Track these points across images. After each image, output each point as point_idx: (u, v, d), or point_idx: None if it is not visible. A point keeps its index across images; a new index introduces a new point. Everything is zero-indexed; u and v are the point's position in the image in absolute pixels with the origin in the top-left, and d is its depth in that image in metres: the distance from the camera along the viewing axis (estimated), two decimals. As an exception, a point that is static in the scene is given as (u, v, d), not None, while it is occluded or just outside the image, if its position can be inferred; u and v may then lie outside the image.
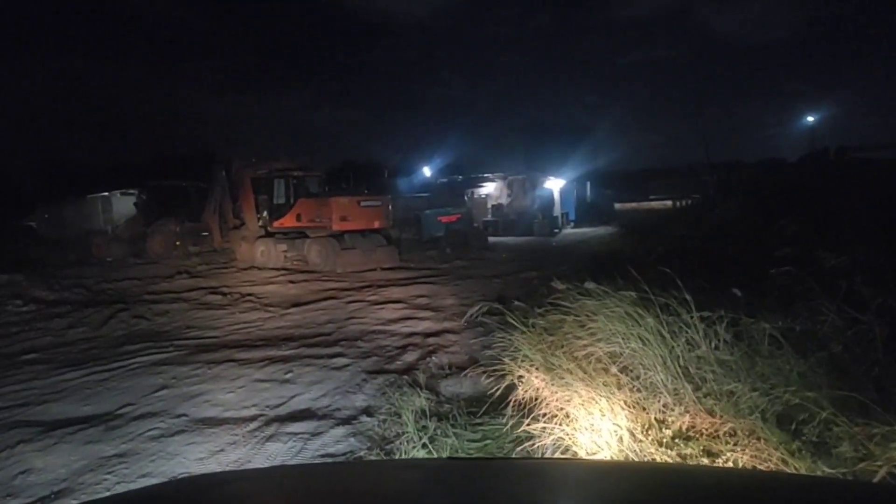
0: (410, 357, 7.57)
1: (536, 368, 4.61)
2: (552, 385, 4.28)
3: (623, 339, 4.21)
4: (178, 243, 19.38)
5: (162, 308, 11.23)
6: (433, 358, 7.42)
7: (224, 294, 12.66)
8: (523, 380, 4.67)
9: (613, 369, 4.08)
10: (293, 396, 6.11)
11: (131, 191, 23.14)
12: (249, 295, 12.64)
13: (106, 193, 24.92)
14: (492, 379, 5.73)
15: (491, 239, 22.35)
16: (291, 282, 14.37)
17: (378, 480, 1.66)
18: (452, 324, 9.38)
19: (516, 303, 10.90)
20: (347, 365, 7.22)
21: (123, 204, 23.21)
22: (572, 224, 27.50)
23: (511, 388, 4.94)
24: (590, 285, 4.94)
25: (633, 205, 20.43)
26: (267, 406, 5.84)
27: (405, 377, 6.63)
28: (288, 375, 6.80)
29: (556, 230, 25.43)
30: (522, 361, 4.84)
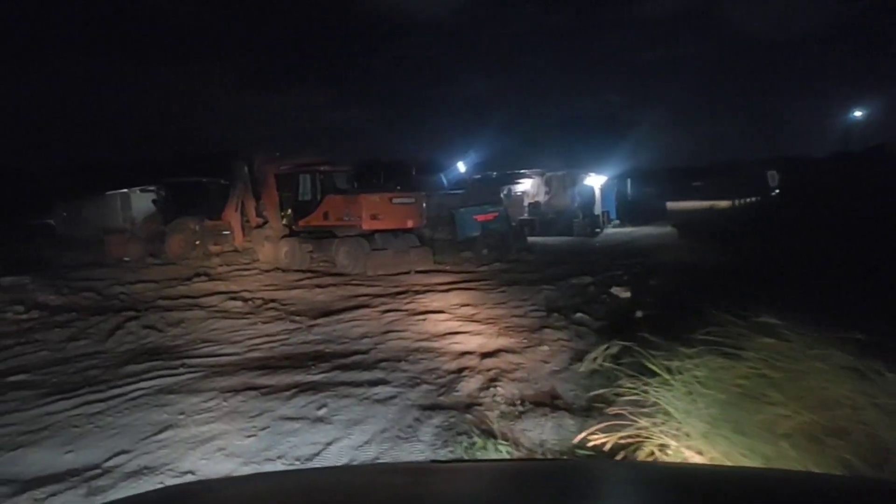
0: (469, 386, 6.23)
1: (688, 435, 3.18)
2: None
3: (852, 408, 2.77)
4: (197, 243, 18.19)
5: (176, 317, 10.00)
6: (498, 388, 6.06)
7: (245, 300, 11.42)
8: (668, 450, 3.24)
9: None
10: (329, 444, 4.81)
11: (150, 188, 22.08)
12: (272, 301, 11.38)
13: (125, 190, 23.92)
14: (588, 425, 4.39)
15: (528, 239, 20.94)
16: (318, 286, 13.10)
17: (362, 484, 1.62)
18: (510, 340, 8.04)
19: (578, 314, 9.63)
20: (393, 396, 5.89)
21: (143, 201, 22.15)
22: (613, 223, 25.96)
23: (628, 446, 3.55)
24: (764, 318, 3.43)
25: (686, 204, 18.91)
26: (296, 459, 4.55)
27: (469, 415, 5.29)
28: (321, 411, 5.49)
29: (598, 230, 23.91)
30: (658, 419, 3.41)
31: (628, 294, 11.06)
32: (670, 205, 20.97)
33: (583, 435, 3.60)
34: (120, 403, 5.84)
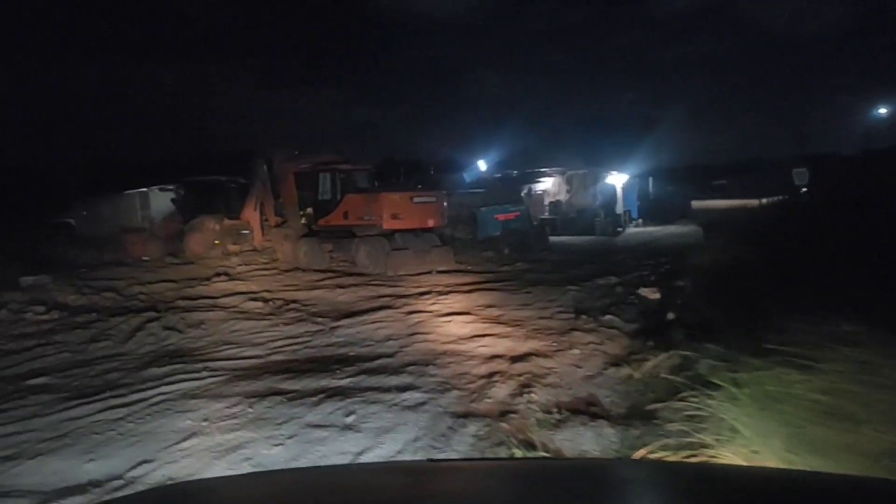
0: (501, 392, 5.99)
1: (757, 453, 2.90)
2: None
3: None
4: (216, 242, 18.07)
5: (196, 318, 9.84)
6: (532, 394, 5.81)
7: (265, 301, 11.26)
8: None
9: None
10: (360, 453, 4.59)
11: (169, 187, 22.03)
12: (293, 302, 11.21)
13: (144, 189, 23.91)
14: (630, 435, 4.15)
15: (549, 238, 20.62)
16: (339, 286, 12.91)
17: (361, 484, 1.62)
18: (539, 344, 7.79)
19: (607, 316, 9.35)
20: (423, 403, 5.67)
21: (162, 200, 22.10)
22: (635, 222, 25.55)
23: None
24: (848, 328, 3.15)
25: (711, 203, 18.51)
26: (327, 470, 4.32)
27: (504, 424, 5.06)
28: (350, 419, 5.28)
29: (620, 229, 23.53)
30: (724, 436, 3.13)
31: (657, 295, 10.76)
32: (695, 204, 20.49)
33: (643, 452, 3.33)
34: (142, 409, 5.67)
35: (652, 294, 10.84)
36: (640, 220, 26.02)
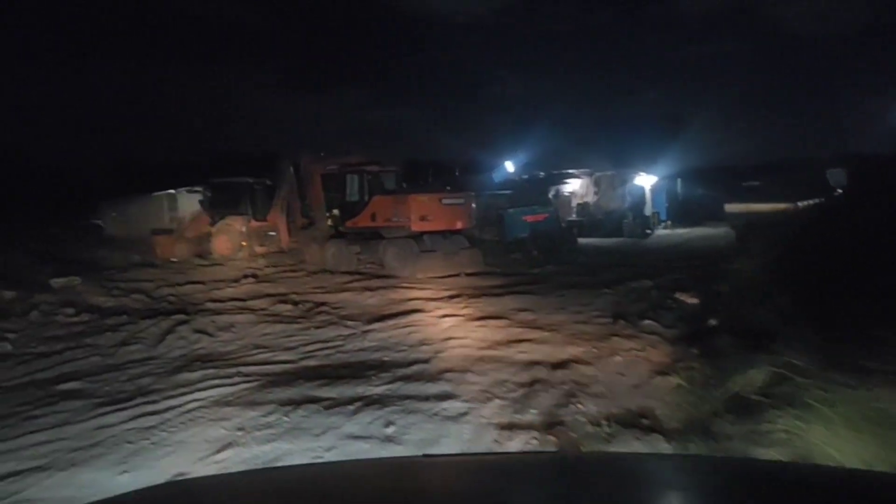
0: (545, 401, 5.75)
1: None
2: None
3: None
4: (244, 244, 18.07)
5: (226, 320, 9.73)
6: (579, 405, 5.56)
7: (295, 303, 11.12)
8: None
9: None
10: (403, 467, 4.36)
11: (197, 188, 22.10)
12: (323, 304, 11.05)
13: (172, 191, 24.03)
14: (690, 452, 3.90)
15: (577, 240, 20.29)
16: (367, 289, 12.74)
17: (357, 479, 1.60)
18: (578, 350, 7.52)
19: (646, 322, 9.06)
20: (464, 413, 5.45)
21: (189, 202, 22.20)
22: (664, 224, 25.08)
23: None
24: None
25: (741, 206, 18.06)
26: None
27: (552, 437, 4.82)
28: (390, 430, 5.07)
29: (649, 231, 23.10)
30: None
31: (696, 300, 10.43)
32: (733, 206, 19.96)
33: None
34: (175, 417, 5.52)
35: (689, 298, 10.51)
36: (669, 222, 25.57)
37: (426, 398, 5.83)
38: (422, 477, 1.62)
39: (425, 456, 3.32)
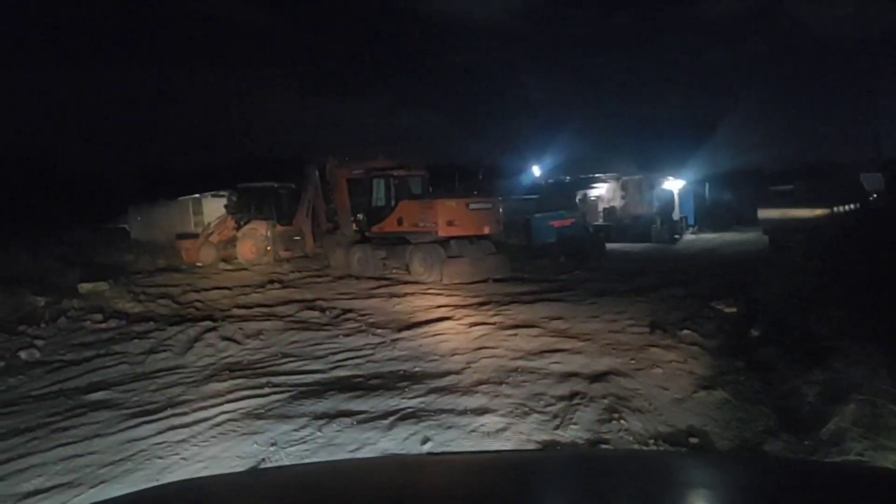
0: (586, 416, 5.52)
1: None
2: None
3: None
4: (268, 248, 18.00)
5: (254, 327, 9.61)
6: (622, 422, 5.33)
7: (322, 310, 10.99)
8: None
9: None
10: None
11: (222, 192, 22.15)
12: (350, 311, 10.91)
13: (197, 195, 24.13)
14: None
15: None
16: (394, 295, 12.58)
17: (360, 478, 1.59)
18: (616, 361, 7.28)
19: (685, 331, 8.78)
20: (503, 429, 5.24)
21: (214, 206, 22.26)
22: (692, 229, 24.63)
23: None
24: None
25: (779, 211, 17.60)
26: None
27: (597, 458, 4.58)
28: (427, 446, 4.88)
29: (677, 236, 22.69)
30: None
31: (733, 309, 10.14)
32: (766, 212, 19.41)
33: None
34: (205, 429, 5.38)
35: (727, 307, 10.21)
36: (697, 227, 25.12)
37: (462, 412, 5.64)
38: (426, 475, 1.61)
39: (429, 454, 3.44)
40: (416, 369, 7.25)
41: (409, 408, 5.83)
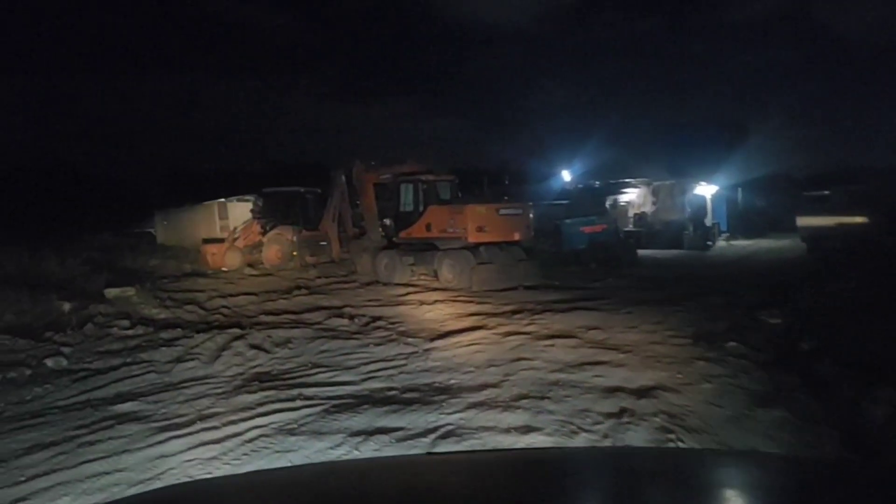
0: (637, 436, 5.19)
1: None
2: None
3: None
4: (294, 253, 17.86)
5: (282, 335, 9.40)
6: (678, 443, 4.99)
7: (350, 317, 10.75)
8: None
9: None
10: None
11: (248, 197, 22.09)
12: (379, 319, 10.66)
13: (222, 200, 24.13)
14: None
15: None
16: (424, 302, 12.32)
17: (360, 479, 1.58)
18: (661, 374, 6.93)
19: (731, 343, 8.39)
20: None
21: (240, 211, 22.22)
22: (724, 236, 24.05)
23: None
24: None
25: (818, 218, 17.06)
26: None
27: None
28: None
29: (710, 243, 22.16)
30: None
31: (778, 320, 9.71)
32: (806, 220, 18.80)
33: None
34: (237, 446, 5.13)
35: (772, 318, 9.78)
36: (730, 234, 24.55)
37: (506, 430, 5.33)
38: (427, 475, 1.59)
39: (429, 454, 3.42)
40: (452, 381, 6.96)
41: (448, 424, 5.54)
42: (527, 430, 5.36)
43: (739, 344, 8.22)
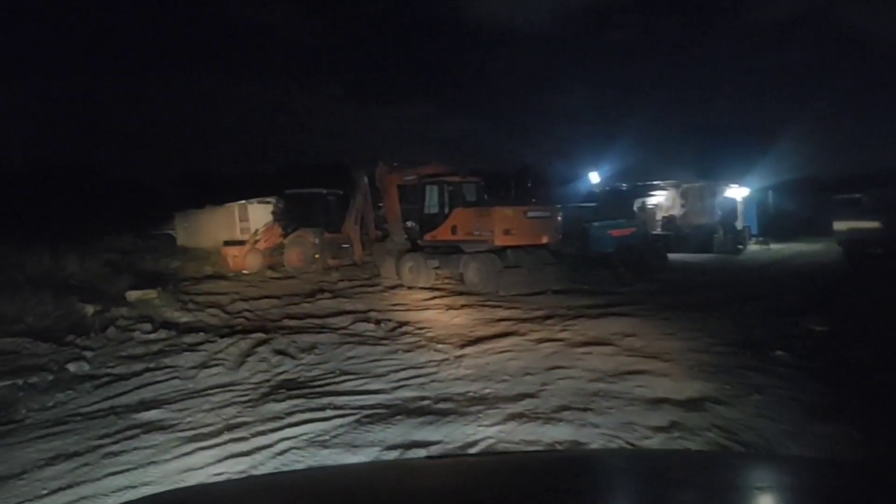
0: (693, 454, 4.83)
1: None
2: None
3: None
4: (316, 256, 17.63)
5: (307, 340, 9.15)
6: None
7: (376, 322, 10.48)
8: None
9: None
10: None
11: (268, 199, 21.94)
12: (406, 324, 10.38)
13: (243, 202, 23.99)
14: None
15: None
16: (450, 307, 12.03)
17: (359, 484, 1.58)
18: (708, 385, 6.57)
19: (778, 352, 8.00)
20: (603, 467, 4.58)
21: (260, 213, 22.07)
22: (755, 239, 23.47)
23: None
24: None
25: (853, 222, 16.48)
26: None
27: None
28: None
29: (741, 246, 21.61)
30: None
31: (824, 327, 9.28)
32: (842, 224, 18.19)
33: None
34: (267, 459, 4.85)
35: (817, 325, 9.36)
36: (762, 238, 23.96)
37: (551, 446, 5.01)
38: (426, 478, 1.60)
39: (428, 458, 3.49)
40: (487, 391, 6.65)
41: (488, 438, 5.23)
42: (573, 444, 5.04)
43: (786, 352, 7.84)
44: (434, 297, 13.14)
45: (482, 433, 5.34)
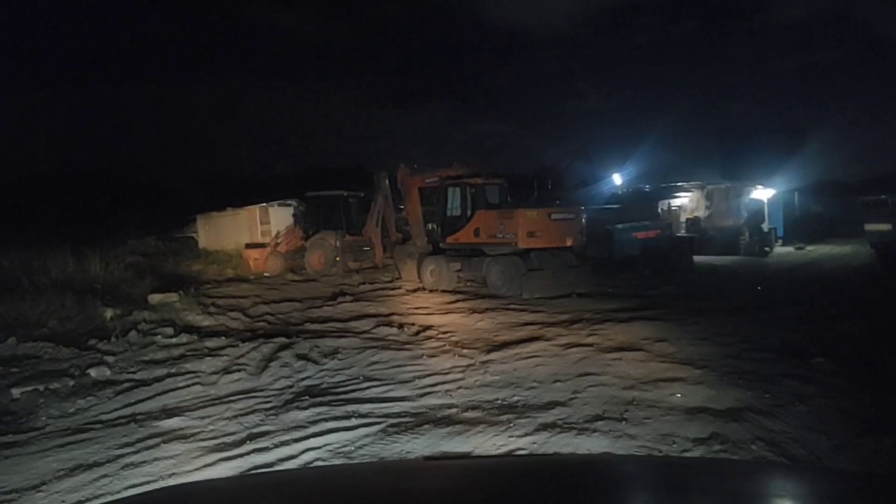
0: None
1: None
2: None
3: None
4: (337, 259, 17.52)
5: (329, 345, 8.99)
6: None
7: (398, 326, 10.30)
8: None
9: None
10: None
11: (289, 201, 21.88)
12: (429, 328, 10.19)
13: (264, 204, 24.00)
14: None
15: (688, 259, 18.71)
16: (474, 311, 11.80)
17: (356, 483, 1.58)
18: (746, 394, 6.32)
19: (818, 359, 7.70)
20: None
21: (281, 215, 22.05)
22: (782, 242, 22.98)
23: None
24: None
25: (887, 224, 16.06)
26: None
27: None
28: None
29: (767, 249, 21.16)
30: None
31: (864, 333, 8.94)
32: (875, 227, 17.74)
33: None
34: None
35: (856, 330, 9.02)
36: (791, 240, 23.44)
37: (587, 458, 4.78)
38: (422, 480, 1.59)
39: (426, 459, 3.40)
40: (516, 398, 6.44)
41: (519, 449, 5.02)
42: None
43: (827, 360, 7.53)
44: (456, 301, 12.93)
45: (513, 444, 5.13)
